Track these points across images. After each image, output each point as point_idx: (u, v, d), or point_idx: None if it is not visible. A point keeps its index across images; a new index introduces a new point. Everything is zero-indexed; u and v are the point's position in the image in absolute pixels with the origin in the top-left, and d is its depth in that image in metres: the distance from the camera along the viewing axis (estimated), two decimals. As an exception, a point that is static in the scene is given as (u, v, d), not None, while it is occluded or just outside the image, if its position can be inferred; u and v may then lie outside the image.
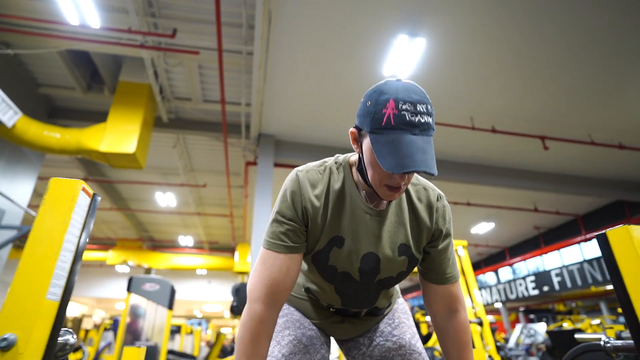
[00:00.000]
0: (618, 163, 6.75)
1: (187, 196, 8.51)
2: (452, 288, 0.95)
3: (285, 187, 0.91)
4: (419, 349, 1.02)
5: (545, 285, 11.56)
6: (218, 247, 12.65)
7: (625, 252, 0.85)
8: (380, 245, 0.90)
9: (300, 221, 0.88)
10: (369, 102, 0.78)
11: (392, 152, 0.72)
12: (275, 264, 0.86)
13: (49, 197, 0.66)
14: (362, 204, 0.89)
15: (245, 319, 0.84)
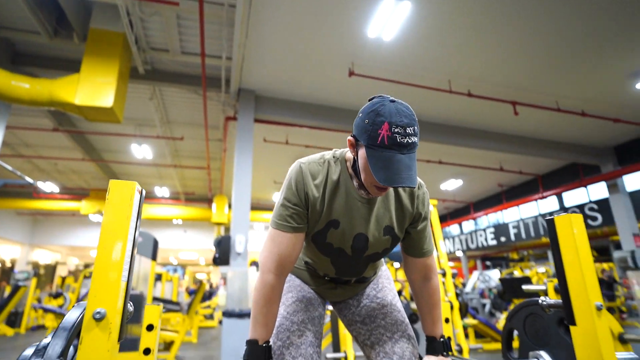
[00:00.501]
0: (578, 129, 7.20)
1: (163, 148, 8.40)
2: (427, 260, 1.17)
3: (290, 176, 1.07)
4: (399, 307, 1.25)
5: (503, 236, 12.59)
6: (194, 197, 12.72)
7: (565, 234, 1.08)
8: (369, 227, 1.09)
9: (303, 206, 1.05)
10: (367, 120, 0.92)
11: (385, 167, 0.89)
12: (283, 241, 1.04)
13: (112, 198, 0.79)
14: (355, 193, 1.07)
15: (259, 286, 1.03)
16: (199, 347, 6.45)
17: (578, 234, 1.08)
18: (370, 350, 1.19)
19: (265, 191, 11.78)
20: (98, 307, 0.73)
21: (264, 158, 8.81)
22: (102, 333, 0.73)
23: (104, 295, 0.74)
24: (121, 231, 0.78)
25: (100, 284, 0.74)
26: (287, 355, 1.07)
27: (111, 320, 0.74)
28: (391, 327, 1.18)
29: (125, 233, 0.78)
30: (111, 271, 0.74)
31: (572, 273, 1.07)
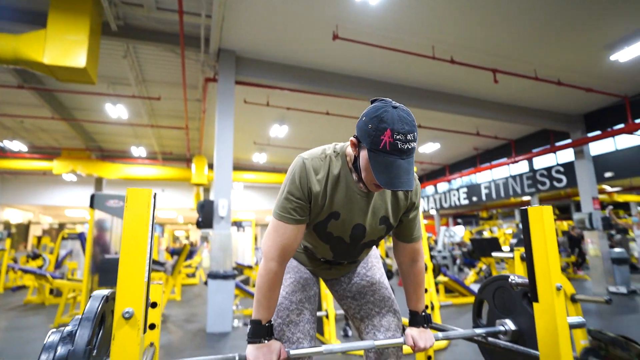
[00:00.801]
0: (553, 97, 7.41)
1: (139, 108, 8.09)
2: (416, 245, 1.29)
3: (294, 171, 1.13)
4: (386, 284, 1.39)
5: (475, 196, 13.19)
6: (172, 157, 12.49)
7: (536, 223, 1.22)
8: (366, 218, 1.19)
9: (306, 199, 1.12)
10: (370, 125, 0.98)
11: (386, 171, 0.96)
12: (286, 232, 1.12)
13: (130, 206, 0.85)
14: (354, 186, 1.15)
15: (263, 272, 1.12)
16: (182, 305, 6.70)
17: (547, 224, 1.21)
18: (359, 323, 1.34)
19: (245, 151, 11.70)
20: (126, 307, 0.81)
21: (244, 119, 8.68)
22: (132, 329, 0.82)
23: (131, 296, 0.82)
24: (141, 238, 0.84)
25: (127, 286, 0.81)
26: (287, 332, 1.20)
27: (138, 317, 0.82)
28: (379, 303, 1.33)
29: (145, 240, 0.84)
30: (135, 274, 0.82)
31: (539, 257, 1.21)
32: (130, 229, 0.83)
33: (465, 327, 3.29)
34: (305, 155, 1.16)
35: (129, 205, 0.85)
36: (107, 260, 4.98)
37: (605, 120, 8.10)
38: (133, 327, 0.81)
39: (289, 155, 12.38)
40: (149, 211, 0.87)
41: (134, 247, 0.82)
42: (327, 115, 8.12)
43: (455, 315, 5.22)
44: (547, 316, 1.17)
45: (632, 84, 7.02)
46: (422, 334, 1.25)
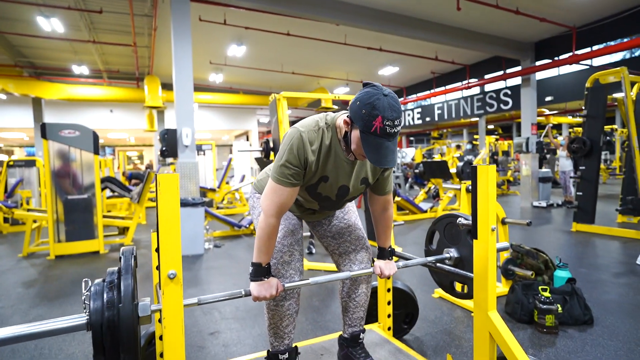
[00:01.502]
0: (509, 25, 7.58)
1: (77, 21, 7.20)
2: (388, 197, 1.55)
3: (291, 142, 1.29)
4: (359, 225, 1.69)
5: (428, 116, 13.83)
6: (119, 76, 11.52)
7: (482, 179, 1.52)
8: (350, 180, 1.42)
9: (302, 167, 1.31)
10: (364, 110, 1.14)
11: (375, 151, 1.16)
12: (284, 194, 1.32)
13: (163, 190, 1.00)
14: (342, 155, 1.35)
15: (263, 225, 1.33)
16: (150, 229, 6.91)
17: (490, 181, 1.51)
18: (338, 257, 1.65)
19: (201, 71, 11.06)
20: (170, 269, 1.02)
21: (199, 38, 8.08)
22: (176, 286, 1.04)
23: (172, 260, 1.02)
24: (174, 216, 1.02)
25: (168, 253, 1.01)
26: (281, 270, 1.48)
27: (179, 277, 1.04)
28: (355, 242, 1.63)
29: (177, 217, 1.02)
30: (173, 244, 1.01)
31: (482, 205, 1.53)
32: (165, 210, 1.01)
33: (415, 241, 3.84)
34: (301, 127, 1.31)
35: (161, 189, 1.00)
36: (71, 201, 4.91)
37: (553, 49, 8.52)
38: (177, 284, 1.03)
39: (247, 76, 11.89)
40: (178, 195, 1.03)
41: (170, 223, 1.01)
42: (288, 36, 7.78)
43: (406, 231, 5.93)
44: (482, 249, 1.54)
45: (580, 15, 7.31)
46: (387, 265, 1.59)
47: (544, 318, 2.38)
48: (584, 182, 5.49)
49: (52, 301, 3.19)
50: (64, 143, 4.92)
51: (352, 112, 1.20)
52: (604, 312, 2.66)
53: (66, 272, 4.13)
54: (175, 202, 1.02)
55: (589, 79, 5.38)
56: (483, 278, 1.54)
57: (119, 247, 5.43)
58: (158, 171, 11.77)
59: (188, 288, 3.48)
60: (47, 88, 9.62)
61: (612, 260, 3.97)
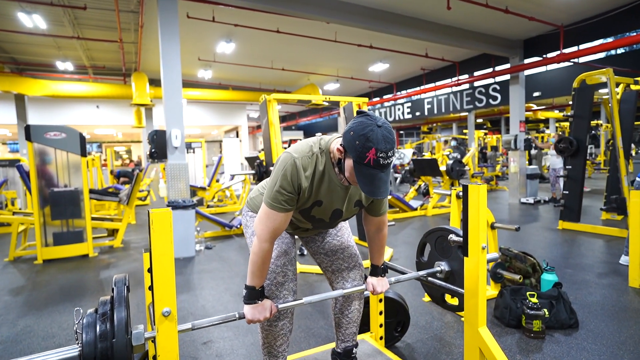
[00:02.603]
0: (498, 23, 7.62)
1: (60, 17, 7.01)
2: (383, 218, 1.56)
3: (285, 168, 1.28)
4: (352, 242, 1.70)
5: (418, 111, 13.87)
6: (105, 72, 11.29)
7: (474, 198, 1.54)
8: (344, 204, 1.43)
9: (295, 193, 1.31)
10: (357, 142, 1.14)
11: (369, 182, 1.17)
12: (277, 219, 1.31)
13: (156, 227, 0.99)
14: (336, 180, 1.35)
15: (257, 251, 1.33)
16: (139, 229, 6.85)
17: (481, 200, 1.53)
18: (331, 274, 1.66)
19: (190, 67, 10.90)
20: (165, 307, 1.02)
21: (187, 35, 7.95)
22: (171, 323, 1.04)
23: (166, 298, 1.02)
24: (168, 252, 1.01)
25: (163, 291, 1.01)
26: (275, 291, 1.48)
27: (174, 313, 1.04)
28: (348, 259, 1.64)
29: (171, 252, 1.01)
30: (167, 282, 1.01)
31: (473, 224, 1.55)
32: (159, 247, 1.00)
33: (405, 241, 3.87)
34: (295, 153, 1.30)
35: (155, 227, 0.99)
36: (57, 193, 4.86)
37: (541, 47, 8.60)
38: (171, 321, 1.03)
39: (237, 72, 11.76)
40: (171, 231, 1.02)
41: (164, 261, 1.00)
42: (278, 34, 7.70)
43: (397, 230, 5.97)
44: (472, 266, 1.56)
45: (568, 14, 7.39)
46: (379, 282, 1.60)
47: (532, 323, 2.44)
48: (570, 180, 5.60)
49: (41, 310, 3.15)
50: (50, 145, 4.82)
51: (345, 142, 1.19)
52: (588, 315, 2.73)
53: (55, 277, 4.07)
54: (168, 240, 1.01)
55: (576, 79, 5.46)
56: (474, 295, 1.56)
57: (109, 250, 5.39)
58: (147, 168, 11.64)
59: (180, 294, 3.47)
60: (30, 84, 9.39)
61: (596, 259, 4.07)
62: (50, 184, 4.89)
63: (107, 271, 4.27)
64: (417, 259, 2.13)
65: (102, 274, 4.17)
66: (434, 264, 1.93)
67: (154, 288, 1.02)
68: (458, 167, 7.59)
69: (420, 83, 13.02)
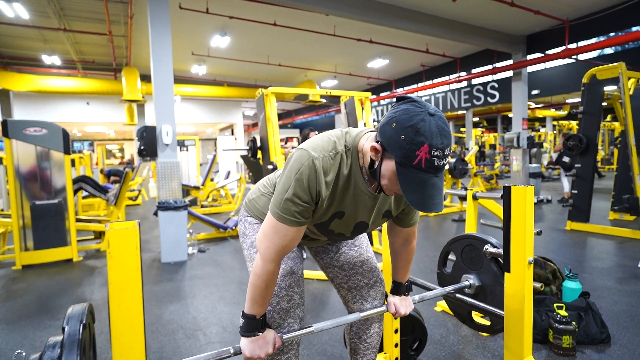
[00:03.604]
0: (502, 18, 7.39)
1: (44, 6, 6.66)
2: (412, 229, 1.29)
3: (301, 171, 0.99)
4: (372, 254, 1.43)
5: (415, 110, 13.64)
6: (95, 67, 10.91)
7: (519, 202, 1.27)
8: (371, 216, 1.15)
9: (313, 202, 1.03)
10: (404, 136, 0.86)
11: (418, 190, 0.87)
12: (288, 234, 1.03)
13: (114, 250, 0.70)
14: (363, 187, 1.07)
15: (260, 272, 1.05)
16: (131, 230, 6.54)
17: (528, 204, 1.27)
18: (346, 292, 1.39)
19: (183, 62, 10.56)
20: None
21: (180, 27, 7.63)
22: None
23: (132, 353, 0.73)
24: (132, 288, 0.71)
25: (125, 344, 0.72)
26: (277, 319, 1.21)
27: None
28: (367, 274, 1.37)
29: (138, 289, 0.72)
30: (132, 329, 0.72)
31: (517, 233, 1.29)
32: (119, 279, 0.69)
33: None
34: (314, 152, 1.00)
35: (112, 251, 0.70)
36: (39, 206, 4.50)
37: (545, 43, 8.39)
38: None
39: (231, 68, 11.44)
40: (137, 253, 0.73)
41: (127, 301, 0.70)
42: (274, 27, 7.40)
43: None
44: (516, 285, 1.30)
45: (575, 8, 7.18)
46: (403, 302, 1.34)
47: (560, 339, 2.19)
48: (580, 180, 5.38)
49: (12, 324, 2.84)
50: (30, 142, 4.49)
51: (385, 137, 0.90)
52: (618, 327, 2.49)
53: (33, 285, 3.77)
54: (133, 268, 0.72)
55: (586, 74, 5.24)
56: (517, 318, 1.30)
57: (95, 253, 5.07)
58: (139, 166, 11.28)
59: (170, 304, 3.18)
60: (15, 79, 9.00)
61: (612, 263, 3.84)
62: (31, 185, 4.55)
63: (92, 278, 3.97)
64: (438, 269, 1.87)
65: (86, 281, 3.87)
66: (459, 276, 1.67)
67: (112, 339, 0.73)
68: (461, 166, 7.36)
69: (419, 80, 12.79)
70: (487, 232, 5.20)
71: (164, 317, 2.91)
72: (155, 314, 2.97)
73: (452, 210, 7.20)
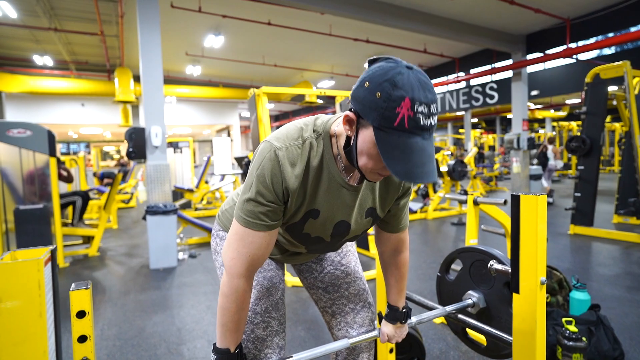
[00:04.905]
0: (502, 16, 7.25)
1: (32, 5, 6.50)
2: (402, 235, 1.11)
3: (262, 165, 0.85)
4: (360, 273, 1.26)
5: (413, 111, 13.48)
6: (88, 68, 10.74)
7: (528, 213, 1.11)
8: (352, 214, 0.97)
9: (280, 201, 0.87)
10: (379, 93, 0.70)
11: (403, 157, 0.71)
12: (255, 241, 0.88)
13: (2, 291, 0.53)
14: (339, 178, 0.90)
15: (228, 292, 0.89)
16: (121, 235, 6.36)
17: (540, 216, 1.11)
18: (330, 318, 1.22)
19: (177, 63, 10.40)
20: None
21: (173, 27, 7.47)
22: None
23: None
24: (34, 343, 0.53)
25: None
26: (252, 349, 1.04)
27: None
28: (354, 298, 1.20)
29: (43, 343, 0.54)
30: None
31: (527, 250, 1.13)
32: (11, 332, 0.52)
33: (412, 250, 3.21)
34: (277, 142, 0.86)
35: (1, 294, 0.52)
36: (23, 211, 4.31)
37: (545, 42, 8.26)
38: None
39: (226, 69, 11.28)
40: (42, 295, 0.55)
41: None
42: (269, 26, 7.25)
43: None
44: (526, 308, 1.14)
45: (575, 6, 7.04)
46: (397, 330, 1.17)
47: (570, 356, 2.03)
48: (583, 182, 5.23)
49: (-14, 338, 2.67)
50: (13, 144, 4.33)
51: (358, 102, 0.75)
52: (631, 342, 2.33)
53: (14, 294, 3.59)
54: (37, 326, 0.54)
55: (589, 73, 5.09)
56: (527, 346, 1.14)
57: (83, 259, 4.90)
58: (133, 168, 11.11)
59: (155, 314, 3.01)
60: (6, 80, 8.82)
61: (620, 270, 3.68)
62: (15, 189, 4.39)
63: (75, 286, 3.79)
64: (439, 273, 1.69)
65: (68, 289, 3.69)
66: (463, 289, 1.51)
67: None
68: (460, 168, 7.20)
69: (417, 81, 12.65)
70: (487, 238, 5.04)
71: (147, 330, 2.74)
72: (138, 326, 2.81)
73: (451, 214, 7.04)
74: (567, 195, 9.03)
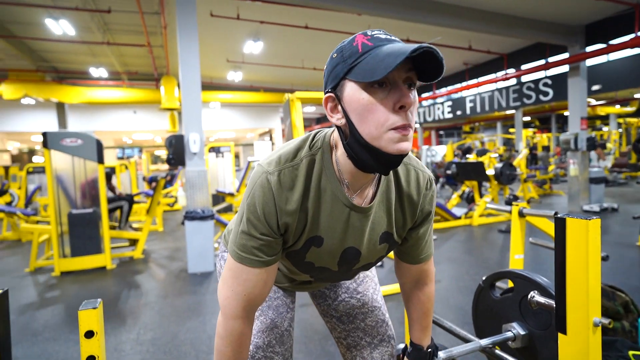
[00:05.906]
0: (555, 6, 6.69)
1: (88, 22, 6.98)
2: (424, 266, 0.97)
3: (253, 194, 0.75)
4: (380, 302, 1.13)
5: (459, 110, 12.85)
6: (138, 77, 11.40)
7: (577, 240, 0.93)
8: (362, 239, 0.85)
9: (276, 234, 0.78)
10: (335, 54, 0.70)
11: (382, 58, 0.62)
12: (250, 278, 0.79)
13: None
14: (343, 198, 0.79)
15: (224, 334, 0.82)
16: (165, 237, 6.62)
17: (592, 243, 0.92)
18: (345, 350, 1.11)
19: (219, 70, 10.74)
20: None
21: (213, 35, 7.70)
22: None
23: None
24: None
25: None
26: None
27: None
28: (371, 331, 1.08)
29: None
30: None
31: (575, 283, 0.95)
32: None
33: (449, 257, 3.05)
34: (269, 166, 0.76)
35: None
36: (75, 216, 4.61)
37: (607, 32, 7.51)
38: None
39: (266, 74, 11.47)
40: None
41: None
42: (306, 30, 7.24)
43: (439, 243, 5.27)
44: (574, 352, 0.95)
45: (644, -10, 6.33)
46: (421, 373, 1.03)
47: (636, 396, 1.75)
48: (653, 187, 4.64)
49: (36, 336, 2.83)
50: (67, 152, 4.64)
51: (327, 78, 0.72)
52: None
53: (66, 293, 3.82)
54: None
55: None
56: (578, 400, 0.95)
57: (129, 261, 5.14)
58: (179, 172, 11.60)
59: (188, 320, 3.05)
60: (67, 92, 9.58)
61: (701, 290, 3.20)
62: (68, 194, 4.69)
63: (119, 288, 3.97)
64: (483, 283, 1.50)
65: (114, 291, 3.87)
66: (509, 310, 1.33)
67: None
68: (508, 171, 6.73)
69: (462, 79, 12.08)
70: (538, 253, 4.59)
71: (179, 337, 2.78)
72: (172, 332, 2.85)
73: (498, 220, 6.60)
74: (635, 201, 8.17)
